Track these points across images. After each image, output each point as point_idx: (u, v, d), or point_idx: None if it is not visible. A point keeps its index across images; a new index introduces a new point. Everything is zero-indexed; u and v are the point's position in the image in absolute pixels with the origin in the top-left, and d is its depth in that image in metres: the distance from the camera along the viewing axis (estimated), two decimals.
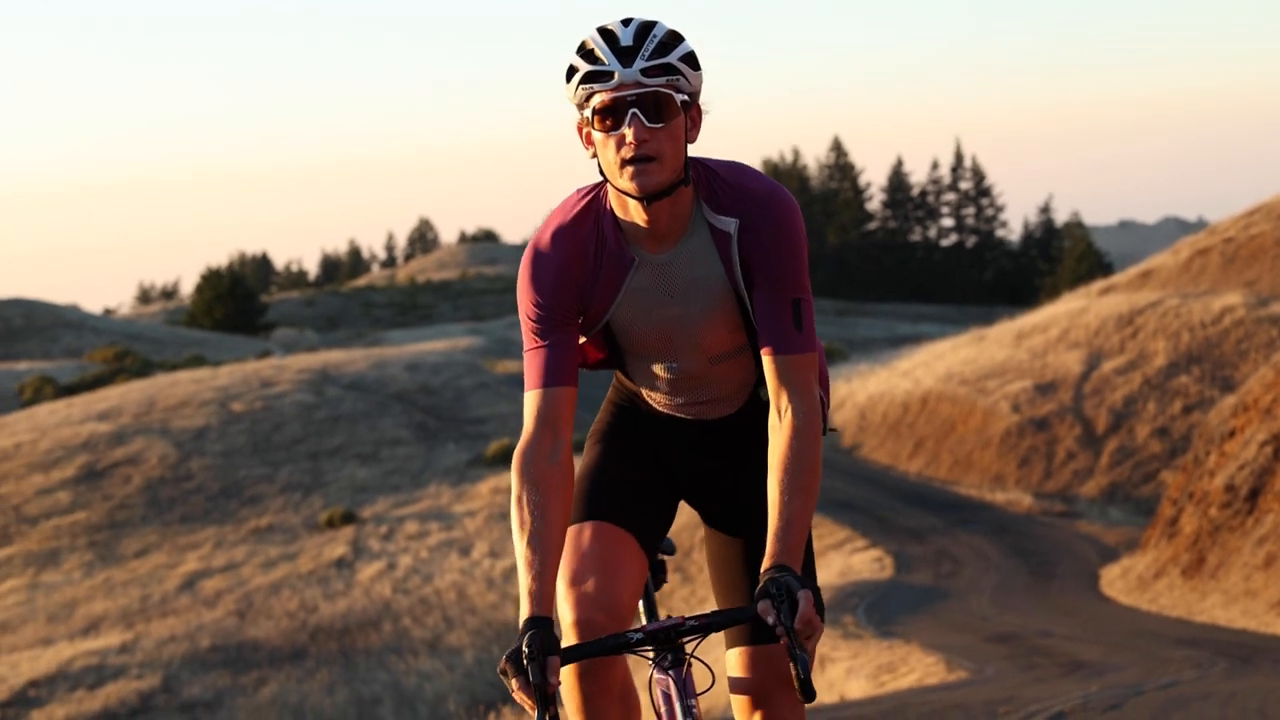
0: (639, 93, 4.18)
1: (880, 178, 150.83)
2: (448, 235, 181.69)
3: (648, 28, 4.22)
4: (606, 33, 4.23)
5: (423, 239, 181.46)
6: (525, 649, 4.05)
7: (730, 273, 4.36)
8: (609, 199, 4.38)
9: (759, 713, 4.50)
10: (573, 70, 4.24)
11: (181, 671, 34.37)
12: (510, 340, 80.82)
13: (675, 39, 4.23)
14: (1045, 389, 45.19)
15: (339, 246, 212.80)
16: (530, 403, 4.38)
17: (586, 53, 4.23)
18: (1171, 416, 42.02)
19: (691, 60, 4.23)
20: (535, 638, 4.07)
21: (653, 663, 4.31)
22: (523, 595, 4.21)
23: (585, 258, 4.38)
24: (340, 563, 40.75)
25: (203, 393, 55.46)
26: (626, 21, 4.24)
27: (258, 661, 34.71)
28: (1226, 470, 25.13)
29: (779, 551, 4.16)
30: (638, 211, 4.30)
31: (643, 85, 4.18)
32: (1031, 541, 33.78)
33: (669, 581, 25.02)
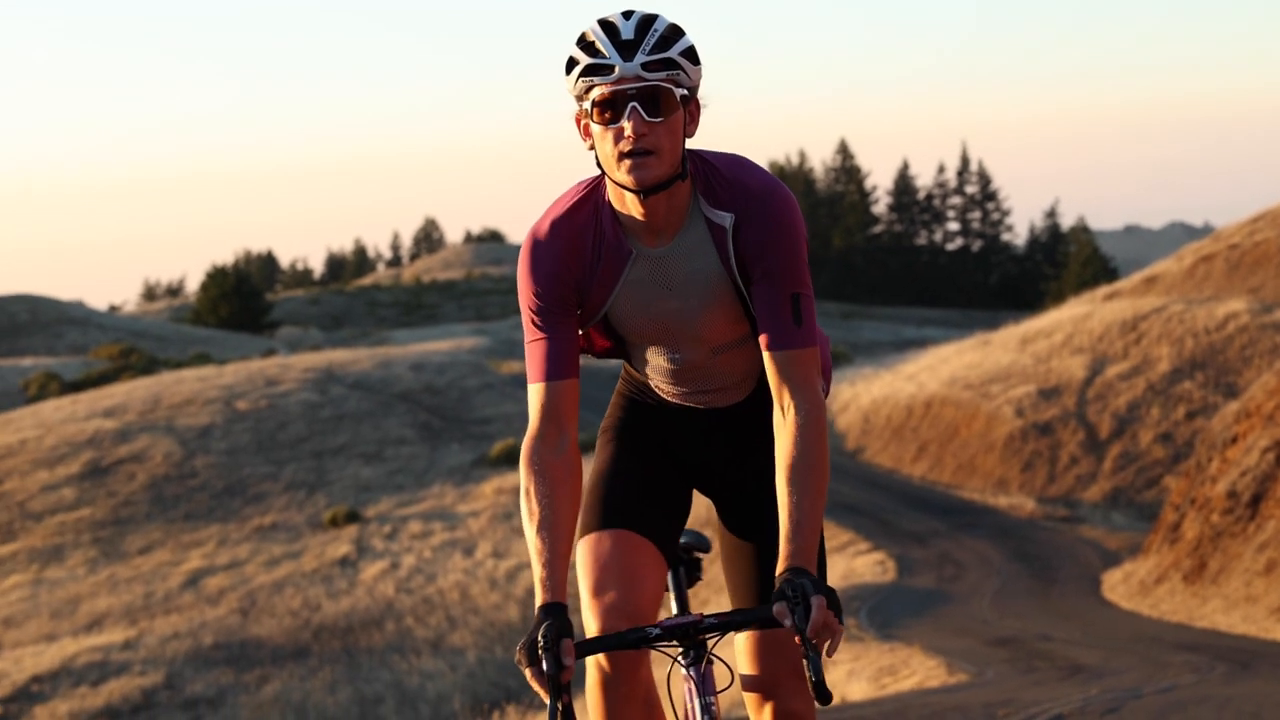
0: (639, 86, 4.16)
1: (886, 181, 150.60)
2: (453, 235, 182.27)
3: (649, 21, 4.20)
4: (607, 25, 4.21)
5: (428, 238, 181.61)
6: (540, 638, 4.08)
7: (727, 266, 4.35)
8: (607, 192, 4.37)
9: (770, 704, 4.51)
10: (573, 62, 4.23)
11: (184, 668, 34.41)
12: (515, 341, 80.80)
13: (676, 33, 4.21)
14: (1049, 394, 45.22)
15: (344, 245, 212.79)
16: (534, 396, 4.40)
17: (587, 44, 4.21)
18: (1175, 422, 42.04)
19: (692, 55, 4.21)
20: (551, 627, 4.09)
21: (684, 662, 4.34)
22: (536, 584, 4.23)
23: (583, 250, 4.38)
24: (344, 562, 40.78)
25: (208, 391, 55.51)
26: (628, 14, 4.22)
27: (260, 659, 34.74)
28: (1228, 476, 25.15)
29: (792, 554, 4.15)
30: (635, 205, 4.29)
31: (643, 79, 4.16)
32: (1034, 546, 33.78)
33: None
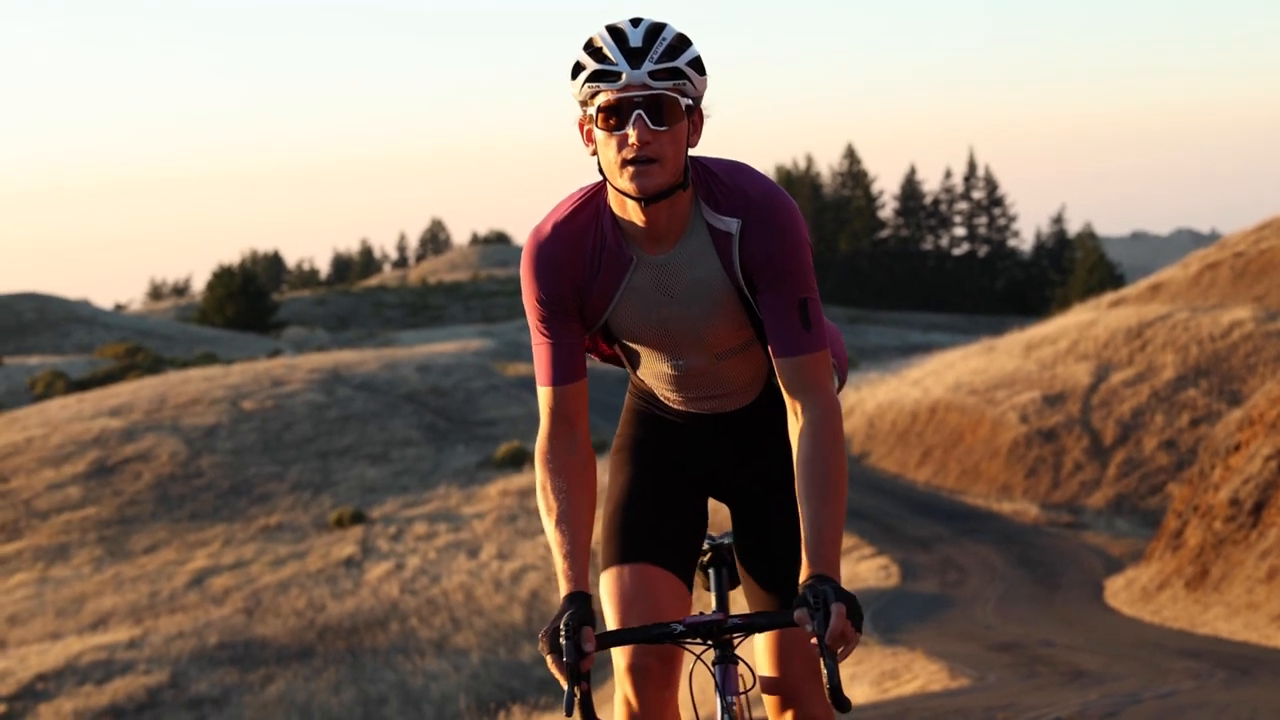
0: (645, 94, 4.15)
1: (893, 185, 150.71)
2: (460, 236, 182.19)
3: (657, 29, 4.19)
4: (616, 32, 4.20)
5: (434, 239, 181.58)
6: (562, 626, 4.13)
7: (730, 273, 4.35)
8: (608, 199, 4.37)
9: (790, 709, 4.55)
10: (579, 67, 4.22)
11: (189, 668, 34.46)
12: (521, 343, 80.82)
13: (683, 42, 4.20)
14: (1054, 400, 45.25)
15: (351, 246, 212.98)
16: (544, 399, 4.44)
17: (594, 50, 4.21)
18: (1179, 429, 42.07)
19: (698, 65, 4.21)
20: (574, 615, 4.14)
21: (708, 661, 4.38)
22: (559, 576, 4.28)
23: (582, 255, 4.37)
24: (349, 562, 40.82)
25: (214, 390, 55.57)
26: (636, 21, 4.21)
27: (265, 659, 34.80)
28: (1231, 484, 25.19)
29: (813, 561, 4.17)
30: (636, 212, 4.29)
31: (649, 87, 4.15)
32: (1037, 552, 33.81)
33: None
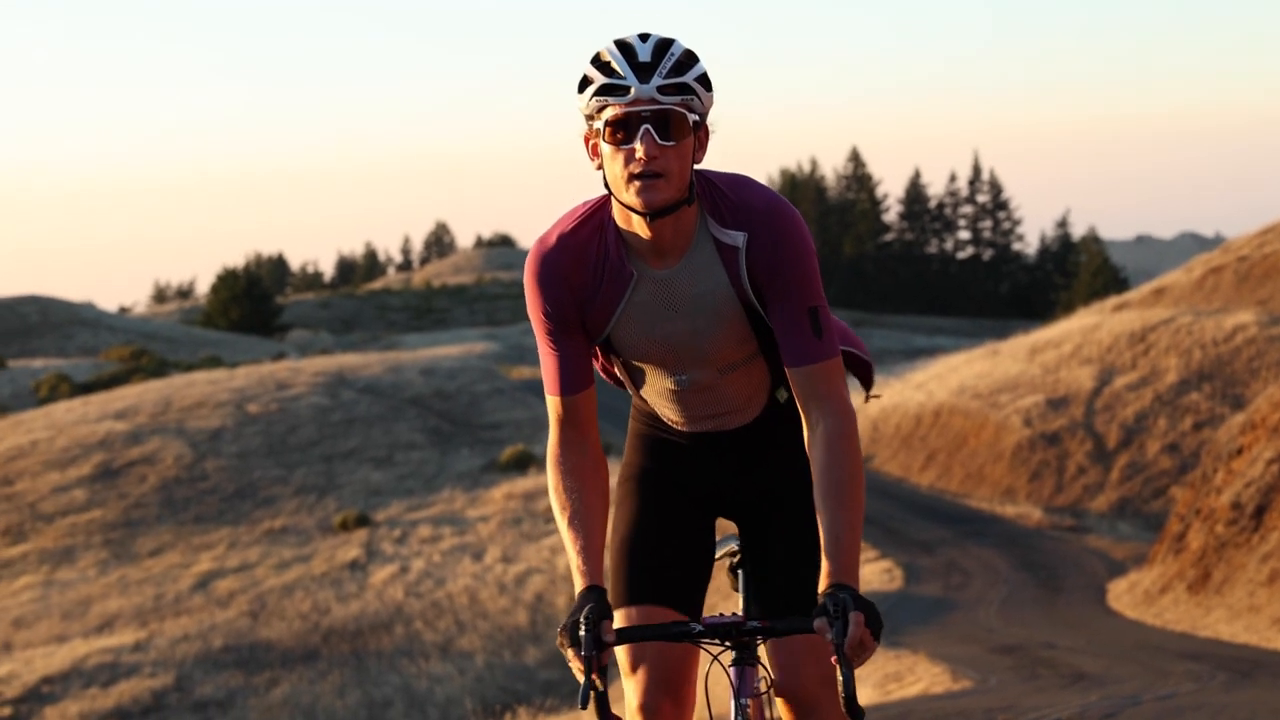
0: (653, 109, 4.15)
1: (898, 189, 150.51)
2: (464, 239, 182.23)
3: (666, 45, 4.20)
4: (624, 46, 4.20)
5: (439, 242, 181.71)
6: (583, 619, 4.16)
7: (738, 286, 4.35)
8: (613, 213, 4.37)
9: (804, 713, 4.54)
10: (586, 81, 4.22)
11: (194, 671, 34.55)
12: (525, 346, 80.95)
13: (691, 59, 4.20)
14: (1057, 404, 45.30)
15: (355, 249, 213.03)
16: (553, 408, 4.46)
17: (602, 65, 4.20)
18: (1182, 433, 42.12)
19: (705, 81, 4.22)
20: (594, 609, 4.18)
21: (725, 662, 4.42)
22: (575, 573, 4.32)
23: (585, 268, 4.38)
24: (353, 565, 40.88)
25: (219, 394, 55.65)
26: (644, 37, 4.21)
27: (270, 662, 34.87)
28: (1233, 487, 25.25)
29: (833, 570, 4.18)
30: (641, 226, 4.29)
31: (657, 102, 4.15)
32: (1041, 555, 33.83)
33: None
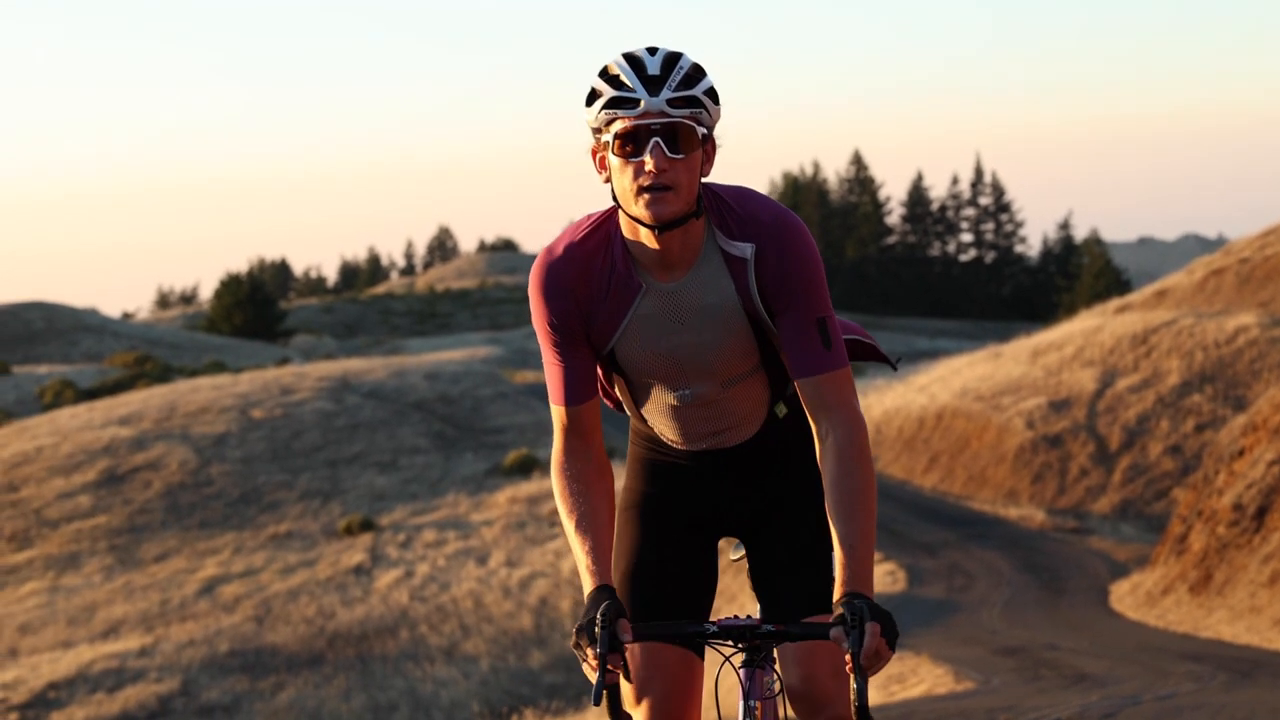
0: (663, 122, 4.16)
1: (900, 192, 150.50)
2: (467, 244, 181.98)
3: (675, 58, 4.21)
4: (633, 59, 4.21)
5: (442, 247, 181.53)
6: (599, 616, 4.13)
7: (746, 298, 4.36)
8: (621, 225, 4.36)
9: (817, 715, 4.52)
10: (595, 94, 4.23)
11: (200, 676, 34.63)
12: (529, 350, 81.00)
13: (699, 72, 4.21)
14: (1059, 406, 45.38)
15: (358, 253, 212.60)
16: (557, 416, 4.46)
17: (611, 78, 4.21)
18: (1184, 435, 42.19)
19: (713, 95, 4.23)
20: (610, 607, 4.15)
21: (736, 664, 4.42)
22: (584, 573, 4.31)
23: (592, 279, 4.38)
24: (358, 570, 40.95)
25: (223, 399, 55.72)
26: (652, 50, 4.22)
27: (275, 667, 34.95)
28: (1235, 489, 25.34)
29: (847, 578, 4.19)
30: (649, 239, 4.29)
31: (667, 115, 4.16)
32: (1043, 557, 33.89)
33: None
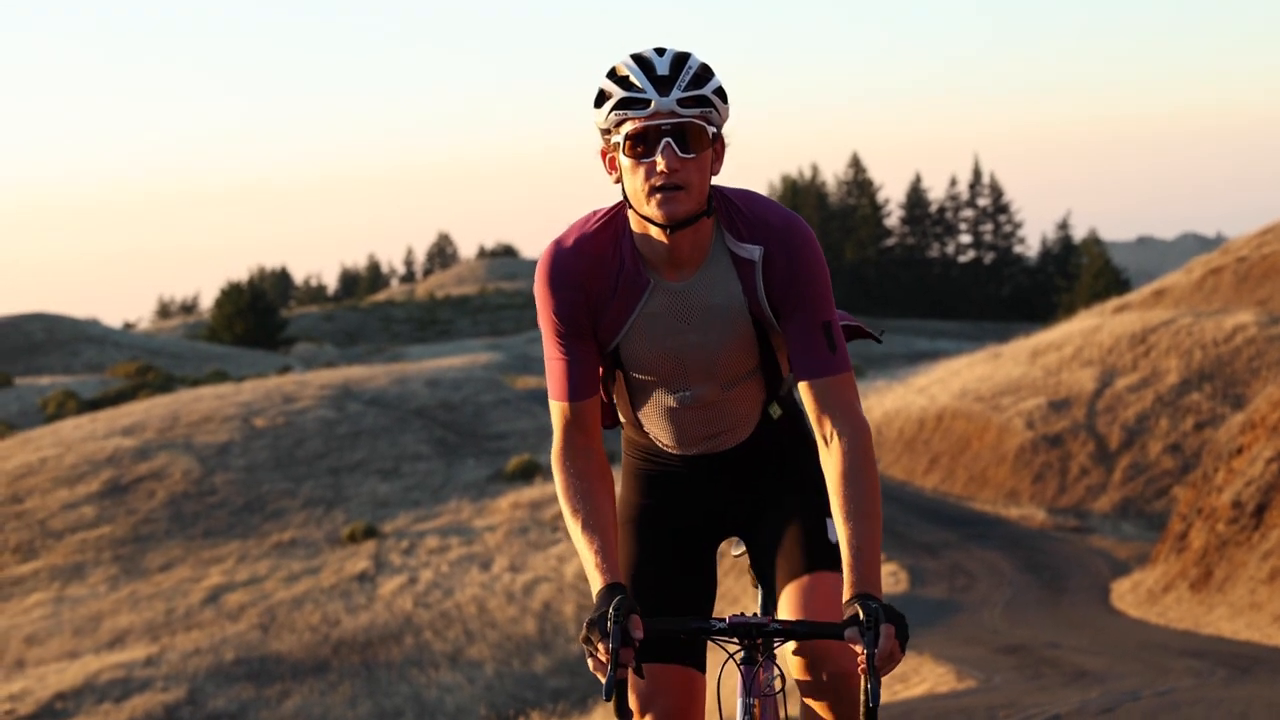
0: (673, 122, 4.19)
1: (898, 194, 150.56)
2: (467, 250, 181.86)
3: (683, 58, 4.23)
4: (642, 60, 4.23)
5: (442, 254, 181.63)
6: (612, 611, 4.15)
7: (753, 299, 4.39)
8: (630, 223, 4.39)
9: (824, 704, 4.52)
10: (604, 96, 4.26)
11: (206, 684, 34.70)
12: (530, 356, 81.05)
13: (708, 72, 4.25)
14: (1059, 406, 45.46)
15: (358, 261, 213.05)
16: (557, 412, 4.47)
17: (620, 79, 4.23)
18: (1183, 433, 42.28)
19: (722, 94, 4.26)
20: (622, 603, 4.16)
21: (744, 663, 4.42)
22: (592, 571, 4.32)
23: (601, 275, 4.39)
24: (362, 577, 41.01)
25: (225, 408, 55.79)
26: (661, 51, 4.24)
27: (281, 674, 35.03)
28: (1234, 486, 25.44)
29: (856, 581, 4.22)
30: (659, 237, 4.31)
31: (677, 115, 4.19)
32: (1044, 556, 33.95)
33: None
